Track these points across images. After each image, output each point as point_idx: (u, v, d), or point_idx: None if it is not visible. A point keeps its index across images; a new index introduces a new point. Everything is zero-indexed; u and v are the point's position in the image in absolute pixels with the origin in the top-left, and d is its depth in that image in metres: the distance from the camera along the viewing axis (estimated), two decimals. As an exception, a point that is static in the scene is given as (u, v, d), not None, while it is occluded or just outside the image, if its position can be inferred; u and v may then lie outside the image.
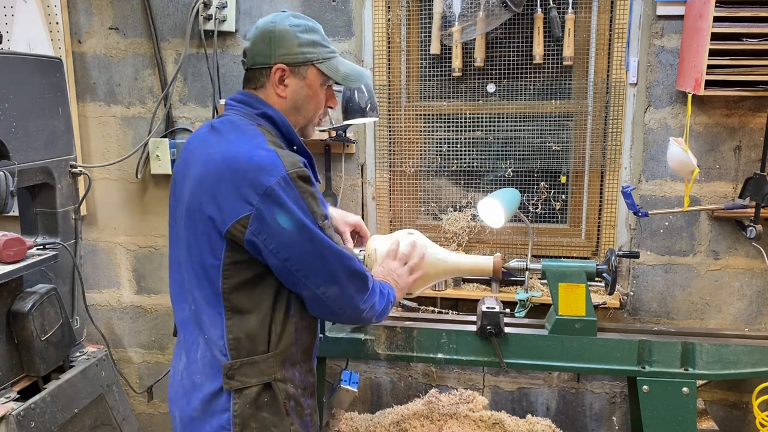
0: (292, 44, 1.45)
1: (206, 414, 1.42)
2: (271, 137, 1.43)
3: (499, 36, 2.41)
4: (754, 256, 2.33)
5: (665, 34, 2.26)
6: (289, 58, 1.46)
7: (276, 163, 1.34)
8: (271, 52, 1.45)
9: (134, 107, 2.70)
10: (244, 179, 1.33)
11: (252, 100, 1.49)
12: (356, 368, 2.70)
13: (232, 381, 1.40)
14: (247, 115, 1.47)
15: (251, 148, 1.37)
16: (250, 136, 1.40)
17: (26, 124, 2.02)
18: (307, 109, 1.52)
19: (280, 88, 1.47)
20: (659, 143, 2.32)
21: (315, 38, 1.49)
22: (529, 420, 2.34)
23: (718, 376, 1.95)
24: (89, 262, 2.86)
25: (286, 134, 1.49)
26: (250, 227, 1.33)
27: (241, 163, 1.34)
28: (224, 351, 1.41)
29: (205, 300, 1.42)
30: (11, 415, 1.83)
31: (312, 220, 1.36)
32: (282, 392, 1.44)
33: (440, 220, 2.60)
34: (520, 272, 1.99)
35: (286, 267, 1.37)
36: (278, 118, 1.47)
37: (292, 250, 1.36)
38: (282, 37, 1.45)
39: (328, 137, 2.39)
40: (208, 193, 1.37)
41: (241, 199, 1.33)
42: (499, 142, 2.51)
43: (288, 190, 1.33)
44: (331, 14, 2.48)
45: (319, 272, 1.39)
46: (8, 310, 1.94)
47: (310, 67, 1.48)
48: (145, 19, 2.60)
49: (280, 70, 1.46)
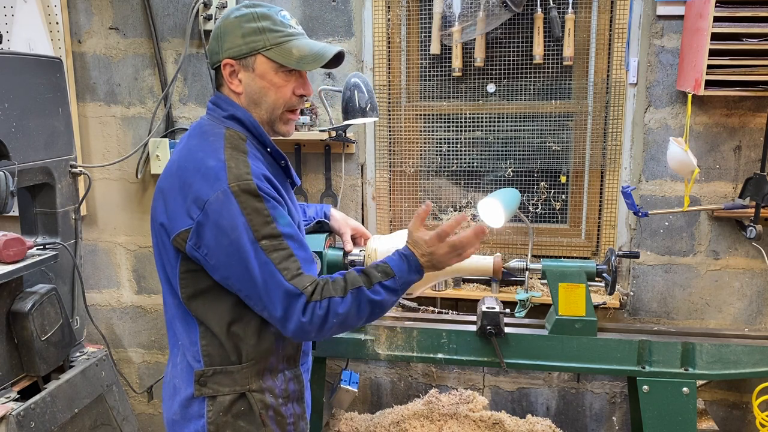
0: (235, 36, 1.37)
1: (184, 418, 1.42)
2: (235, 142, 1.35)
3: (499, 36, 2.41)
4: (754, 256, 2.33)
5: (665, 34, 2.26)
6: (233, 51, 1.37)
7: (218, 176, 1.27)
8: (219, 49, 1.39)
9: (134, 107, 2.70)
10: (189, 190, 1.29)
11: (221, 102, 1.43)
12: (356, 368, 2.70)
13: (204, 388, 1.38)
14: (216, 119, 1.42)
15: (203, 156, 1.31)
16: (209, 143, 1.34)
17: (26, 124, 2.01)
18: (267, 102, 1.41)
19: (233, 83, 1.40)
20: (659, 143, 2.32)
21: (262, 25, 1.37)
22: (529, 420, 2.34)
23: (718, 376, 1.95)
24: (89, 262, 2.86)
25: (257, 136, 1.41)
26: (190, 241, 1.29)
27: (189, 173, 1.30)
28: (197, 357, 1.39)
29: (176, 307, 1.41)
30: (11, 415, 1.83)
31: (250, 239, 1.26)
32: (258, 402, 1.40)
33: (440, 220, 2.60)
34: (520, 272, 2.00)
35: (228, 284, 1.32)
36: (246, 120, 1.40)
37: (230, 270, 1.29)
38: (226, 30, 1.38)
39: (328, 137, 2.39)
40: (161, 199, 1.35)
41: (184, 212, 1.29)
42: (499, 142, 2.51)
43: (226, 204, 1.26)
44: (331, 14, 2.48)
45: (256, 294, 1.29)
46: (8, 310, 1.94)
47: (257, 56, 1.37)
48: (145, 19, 2.60)
49: (228, 66, 1.39)
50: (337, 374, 2.49)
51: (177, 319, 1.42)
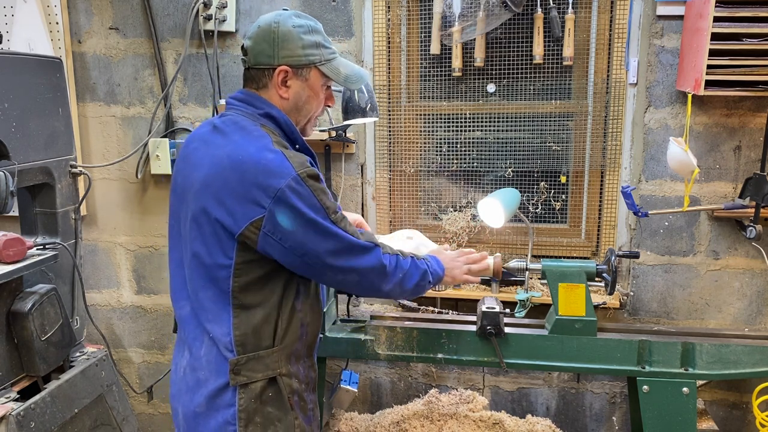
0: (295, 46, 1.45)
1: (211, 409, 1.44)
2: (275, 138, 1.43)
3: (499, 36, 2.41)
4: (754, 256, 2.33)
5: (665, 34, 2.26)
6: (292, 60, 1.45)
7: (284, 165, 1.35)
8: (274, 53, 1.45)
9: (134, 107, 2.70)
10: (253, 183, 1.34)
11: (254, 100, 1.49)
12: (356, 368, 2.70)
13: (238, 376, 1.42)
14: (249, 115, 1.47)
15: (257, 150, 1.37)
16: (255, 138, 1.40)
17: (26, 124, 2.01)
18: (307, 109, 1.53)
19: (282, 89, 1.47)
20: (659, 143, 2.32)
21: (317, 39, 1.49)
22: (529, 420, 2.34)
23: (718, 376, 1.95)
24: (89, 262, 2.86)
25: (289, 134, 1.50)
26: (264, 228, 1.35)
27: (249, 166, 1.35)
28: (230, 347, 1.43)
29: (211, 299, 1.44)
30: (11, 415, 1.83)
31: (324, 216, 1.39)
32: (287, 387, 1.47)
33: (440, 220, 2.60)
34: (520, 272, 1.99)
35: (304, 261, 1.40)
36: (281, 119, 1.48)
37: (308, 246, 1.38)
38: (285, 38, 1.45)
39: (328, 137, 2.39)
40: (215, 196, 1.38)
41: (252, 203, 1.34)
42: (499, 142, 2.51)
43: (300, 190, 1.35)
44: (331, 14, 2.48)
45: (334, 266, 1.42)
46: (8, 310, 1.94)
47: (313, 69, 1.48)
48: (145, 19, 2.60)
49: (283, 72, 1.46)
50: (337, 374, 2.49)
51: (210, 310, 1.45)
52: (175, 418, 1.55)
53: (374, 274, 1.48)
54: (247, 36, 1.51)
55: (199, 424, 1.46)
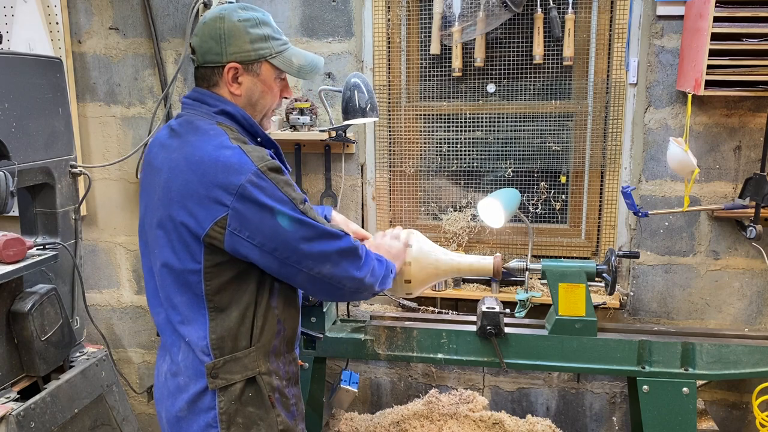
0: (243, 41, 1.40)
1: (192, 413, 1.43)
2: (232, 134, 1.40)
3: (499, 36, 2.41)
4: (754, 256, 2.33)
5: (665, 34, 2.26)
6: (241, 56, 1.41)
7: (243, 161, 1.32)
8: (221, 51, 1.40)
9: (134, 107, 2.70)
10: (213, 182, 1.31)
11: (207, 98, 1.45)
12: (356, 368, 2.70)
13: (216, 380, 1.41)
14: (204, 114, 1.43)
15: (214, 148, 1.34)
16: (211, 136, 1.37)
17: (26, 124, 2.01)
18: (262, 104, 1.49)
19: (233, 86, 1.43)
20: (659, 143, 2.32)
21: (266, 32, 1.43)
22: (529, 420, 2.34)
23: (718, 376, 1.95)
24: (89, 262, 2.86)
25: (248, 128, 1.46)
26: (230, 227, 1.32)
27: (207, 166, 1.32)
28: (207, 351, 1.41)
29: (185, 304, 1.41)
30: (11, 415, 1.83)
31: (292, 207, 1.36)
32: (267, 385, 1.45)
33: (440, 220, 2.60)
34: (520, 272, 2.00)
35: (275, 257, 1.37)
36: (238, 114, 1.44)
37: (278, 240, 1.35)
38: (232, 33, 1.40)
39: (328, 137, 2.39)
40: (177, 200, 1.35)
41: (214, 202, 1.31)
42: (499, 142, 2.51)
43: (262, 184, 1.32)
44: (331, 14, 2.48)
45: (309, 254, 1.38)
46: (8, 310, 1.94)
47: (264, 63, 1.44)
48: (145, 19, 2.60)
49: (233, 69, 1.42)
50: (337, 374, 2.49)
51: (185, 315, 1.42)
52: (159, 422, 1.55)
53: (348, 259, 1.45)
54: (194, 33, 1.46)
55: (181, 428, 1.45)
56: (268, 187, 1.33)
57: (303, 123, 2.44)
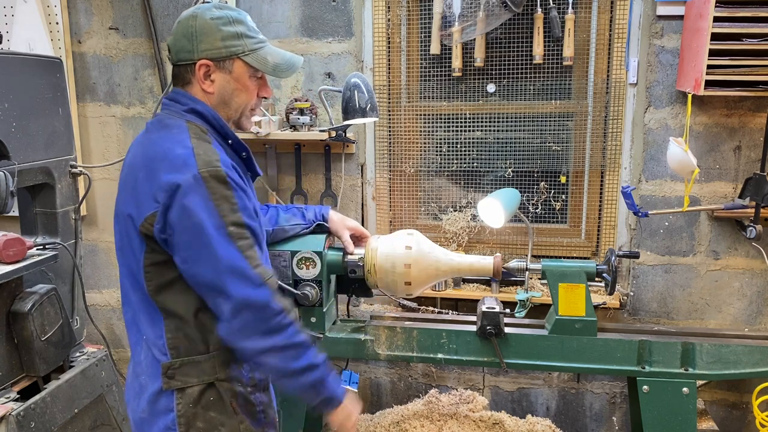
0: (214, 38, 1.39)
1: (153, 414, 1.41)
2: (198, 133, 1.38)
3: (499, 36, 2.41)
4: (754, 256, 2.33)
5: (665, 34, 2.26)
6: (212, 53, 1.39)
7: (188, 162, 1.30)
8: (193, 48, 1.39)
9: (134, 107, 2.70)
10: (156, 177, 1.31)
11: (180, 97, 1.44)
12: (356, 368, 2.70)
13: (172, 380, 1.38)
14: (175, 113, 1.43)
15: (170, 145, 1.34)
16: (173, 134, 1.37)
17: (26, 124, 2.01)
18: (237, 102, 1.46)
19: (206, 83, 1.42)
20: (659, 143, 2.32)
21: (239, 30, 1.42)
22: (529, 420, 2.34)
23: (718, 376, 1.95)
24: (89, 262, 2.86)
25: (218, 129, 1.44)
26: (157, 224, 1.30)
27: (157, 162, 1.32)
28: (164, 350, 1.39)
29: (141, 302, 1.40)
30: (11, 415, 1.83)
31: (216, 224, 1.29)
32: (227, 391, 1.41)
33: (440, 220, 2.60)
34: (520, 272, 1.99)
35: (184, 268, 1.33)
36: (207, 113, 1.42)
37: (189, 252, 1.31)
38: (203, 31, 1.39)
39: (328, 137, 2.39)
40: (128, 192, 1.36)
41: (151, 197, 1.30)
42: (499, 142, 2.51)
43: (197, 189, 1.29)
44: (331, 14, 2.48)
45: (213, 282, 1.31)
46: (8, 310, 1.94)
47: (236, 60, 1.42)
48: (145, 19, 2.60)
49: (204, 66, 1.40)
50: (337, 374, 2.49)
51: (141, 313, 1.41)
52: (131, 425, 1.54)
53: (252, 313, 1.32)
54: (170, 33, 1.46)
55: (143, 430, 1.43)
56: (201, 194, 1.29)
57: (303, 123, 2.44)
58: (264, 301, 1.33)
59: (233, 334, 1.34)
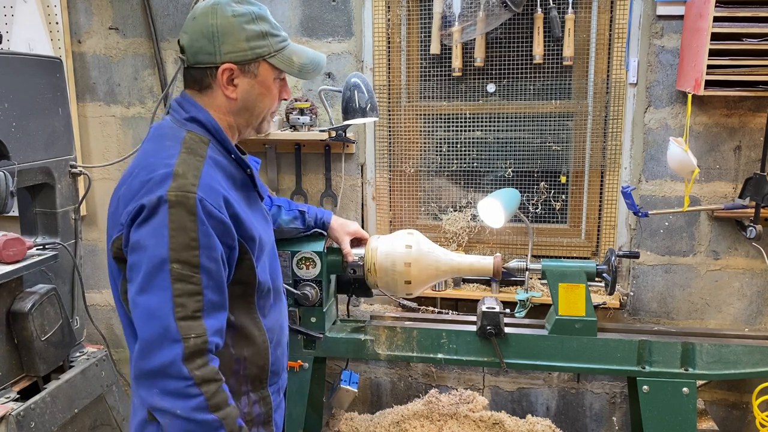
0: (238, 39, 1.25)
1: None
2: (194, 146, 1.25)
3: (499, 36, 2.41)
4: (754, 256, 2.33)
5: (665, 34, 2.26)
6: (236, 56, 1.26)
7: (162, 183, 1.15)
8: (215, 50, 1.25)
9: (134, 107, 2.70)
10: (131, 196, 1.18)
11: (185, 103, 1.31)
12: (356, 368, 2.70)
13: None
14: (177, 121, 1.31)
15: (154, 163, 1.20)
16: (164, 147, 1.24)
17: (26, 124, 2.01)
18: (260, 107, 1.34)
19: (229, 89, 1.28)
20: (659, 143, 2.32)
21: (264, 28, 1.28)
22: (529, 420, 2.34)
23: (718, 376, 1.95)
24: (89, 262, 2.86)
25: (220, 141, 1.31)
26: (125, 247, 1.18)
27: (137, 181, 1.19)
28: None
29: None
30: (11, 415, 1.83)
31: (158, 256, 1.13)
32: None
33: (440, 220, 2.60)
34: (520, 272, 1.99)
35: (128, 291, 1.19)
36: (208, 123, 1.29)
37: (130, 274, 1.17)
38: (226, 31, 1.25)
39: (328, 137, 2.39)
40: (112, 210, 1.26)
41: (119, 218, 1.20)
42: (499, 142, 2.51)
43: (155, 211, 1.14)
44: (331, 14, 2.48)
45: (137, 313, 1.16)
46: (8, 310, 1.94)
47: (261, 62, 1.29)
48: (145, 19, 2.60)
49: (227, 71, 1.27)
50: (337, 374, 2.49)
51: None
52: None
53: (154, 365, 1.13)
54: (183, 29, 1.30)
55: None
56: (158, 219, 1.13)
57: (303, 123, 2.44)
58: (169, 360, 1.12)
59: (135, 377, 1.16)
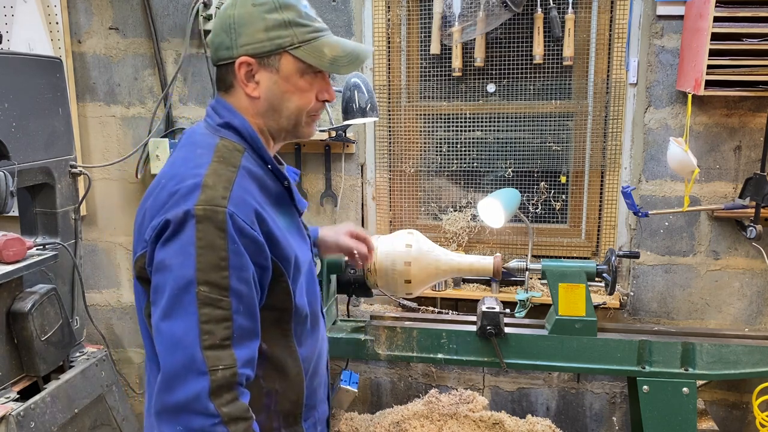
0: (255, 29, 1.13)
1: None
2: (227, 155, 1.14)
3: (499, 36, 2.41)
4: (754, 256, 2.33)
5: (665, 34, 2.26)
6: (253, 47, 1.14)
7: (191, 195, 1.05)
8: (232, 43, 1.14)
9: (134, 107, 2.70)
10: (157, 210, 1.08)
11: (218, 106, 1.21)
12: (356, 368, 2.70)
13: None
14: (210, 127, 1.20)
15: (184, 173, 1.09)
16: (195, 156, 1.13)
17: (26, 124, 2.01)
18: (288, 108, 1.19)
19: (249, 86, 1.16)
20: (659, 143, 2.32)
21: (287, 17, 1.14)
22: (529, 420, 2.34)
23: (718, 376, 1.95)
24: (89, 262, 2.86)
25: (257, 150, 1.19)
26: (148, 267, 1.09)
27: (165, 192, 1.09)
28: None
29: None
30: (11, 415, 1.83)
31: (184, 277, 1.02)
32: None
33: (440, 220, 2.60)
34: (520, 272, 2.00)
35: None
36: (244, 130, 1.18)
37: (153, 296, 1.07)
38: (243, 21, 1.13)
39: (328, 137, 2.39)
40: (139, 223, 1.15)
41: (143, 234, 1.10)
42: (499, 142, 2.51)
43: (182, 227, 1.04)
44: (331, 14, 2.48)
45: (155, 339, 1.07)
46: (8, 310, 1.94)
47: (284, 54, 1.15)
48: (145, 19, 2.60)
49: (244, 65, 1.15)
50: (337, 374, 2.49)
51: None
52: None
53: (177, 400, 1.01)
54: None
55: None
56: (184, 235, 1.03)
57: (303, 123, 2.43)
58: (193, 395, 1.01)
59: (156, 412, 1.04)
